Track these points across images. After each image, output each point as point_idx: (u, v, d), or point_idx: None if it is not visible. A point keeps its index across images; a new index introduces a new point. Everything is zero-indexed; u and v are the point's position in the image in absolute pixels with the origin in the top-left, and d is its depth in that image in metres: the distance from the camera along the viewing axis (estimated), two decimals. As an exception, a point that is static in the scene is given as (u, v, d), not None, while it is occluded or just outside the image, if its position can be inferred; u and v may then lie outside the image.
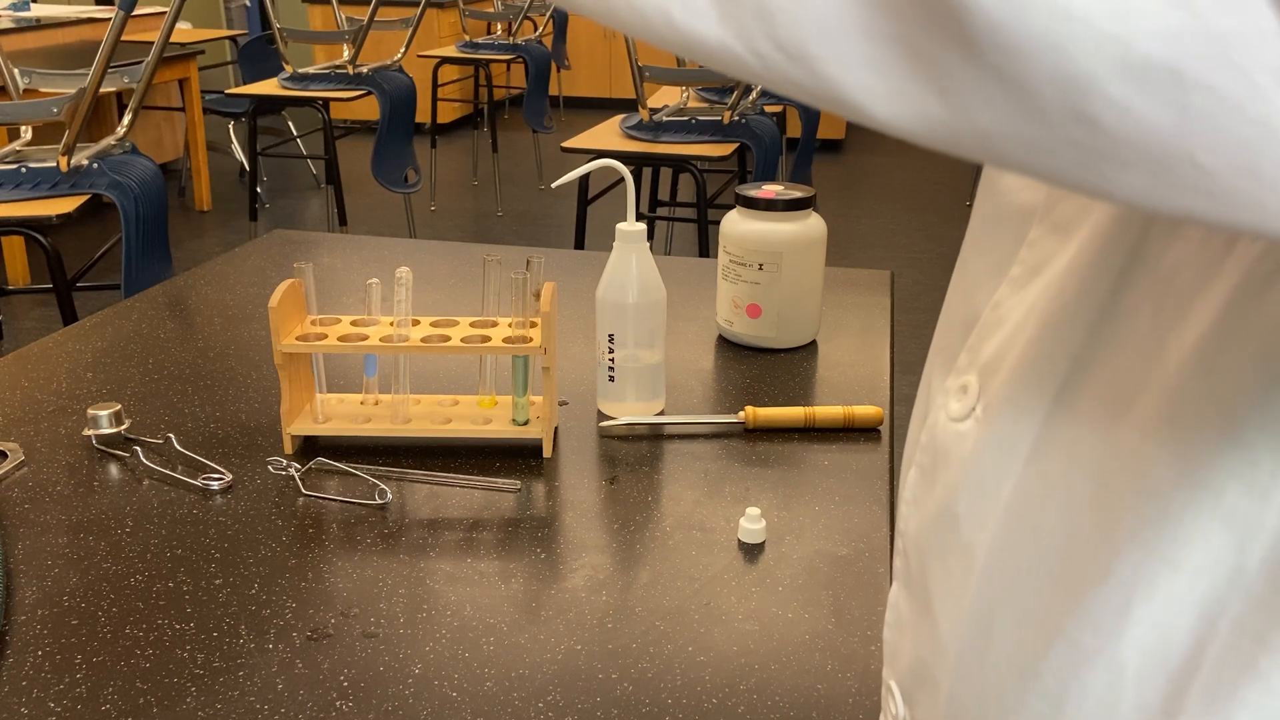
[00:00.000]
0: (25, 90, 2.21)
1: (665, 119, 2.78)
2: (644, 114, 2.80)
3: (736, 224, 1.07)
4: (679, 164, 2.66)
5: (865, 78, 0.22)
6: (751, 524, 0.77)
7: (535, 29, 5.18)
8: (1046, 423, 0.34)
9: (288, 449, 0.88)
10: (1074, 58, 0.19)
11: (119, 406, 0.90)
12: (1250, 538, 0.28)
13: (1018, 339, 0.35)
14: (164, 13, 4.97)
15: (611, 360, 0.94)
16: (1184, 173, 0.19)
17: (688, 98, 3.13)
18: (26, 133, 2.19)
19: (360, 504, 0.81)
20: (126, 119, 2.18)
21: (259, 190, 4.99)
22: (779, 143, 3.00)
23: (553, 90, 7.22)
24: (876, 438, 0.92)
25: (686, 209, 4.07)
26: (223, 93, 4.13)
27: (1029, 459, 0.34)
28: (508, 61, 4.72)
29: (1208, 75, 0.18)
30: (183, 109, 4.77)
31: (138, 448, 0.88)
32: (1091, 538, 0.31)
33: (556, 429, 0.93)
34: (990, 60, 0.20)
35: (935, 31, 0.20)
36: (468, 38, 4.86)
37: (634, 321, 0.92)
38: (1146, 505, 0.30)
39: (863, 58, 0.21)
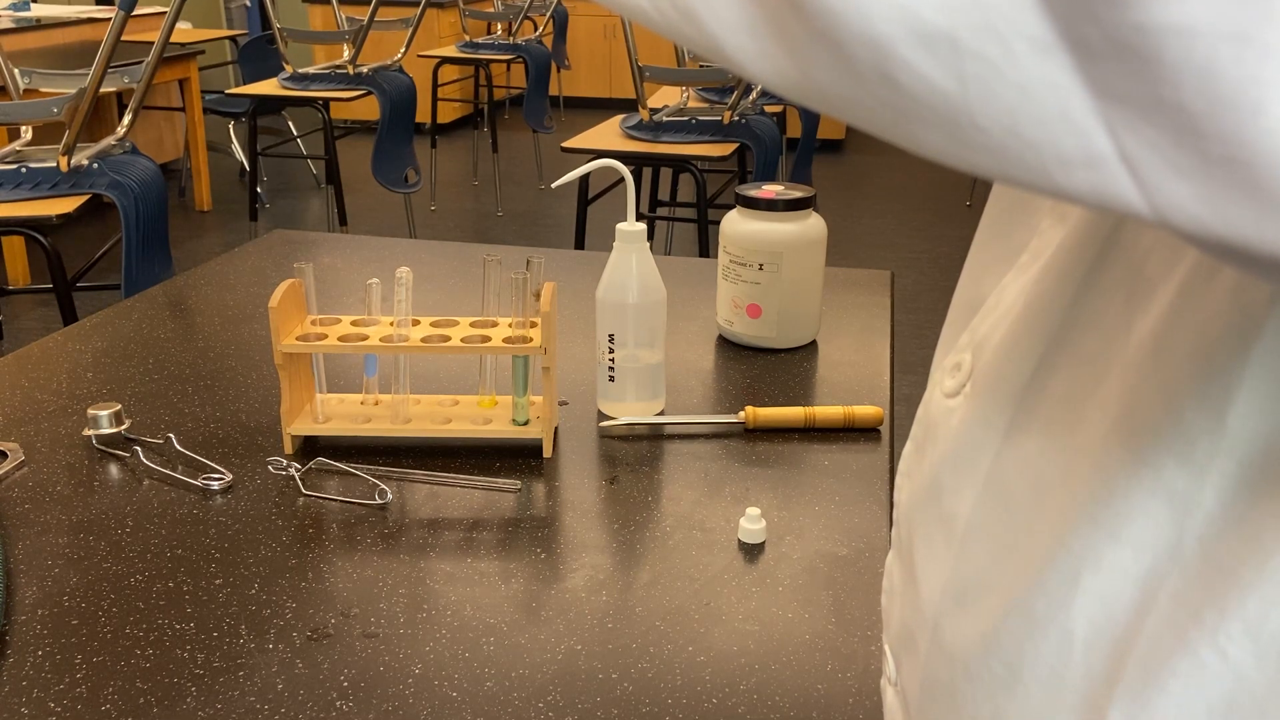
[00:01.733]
0: (25, 90, 2.21)
1: (665, 119, 2.78)
2: (644, 114, 2.80)
3: (736, 224, 1.07)
4: (679, 164, 2.66)
5: (740, 38, 0.24)
6: (751, 524, 0.77)
7: (535, 29, 5.18)
8: (1022, 400, 0.35)
9: (288, 449, 0.88)
10: (875, 24, 0.21)
11: (119, 406, 0.90)
12: (1187, 514, 0.29)
13: (1005, 319, 0.37)
14: (164, 13, 4.97)
15: (611, 360, 0.94)
16: (969, 133, 0.21)
17: (688, 98, 3.13)
18: (26, 133, 2.19)
19: (360, 504, 0.81)
20: (126, 119, 2.18)
21: (259, 190, 4.99)
22: (779, 143, 3.00)
23: (553, 90, 7.22)
24: (876, 438, 0.92)
25: (686, 209, 4.07)
26: (223, 93, 4.13)
27: (1006, 434, 0.36)
28: (508, 61, 4.72)
29: (977, 43, 0.20)
30: (183, 109, 4.77)
31: (138, 448, 0.88)
32: (1054, 512, 0.33)
33: (556, 429, 0.93)
34: (816, 24, 0.22)
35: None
36: (468, 38, 4.86)
37: (634, 321, 0.92)
38: (1098, 481, 0.31)
39: (737, 20, 0.23)
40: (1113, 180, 0.20)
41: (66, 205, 1.97)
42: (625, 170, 0.94)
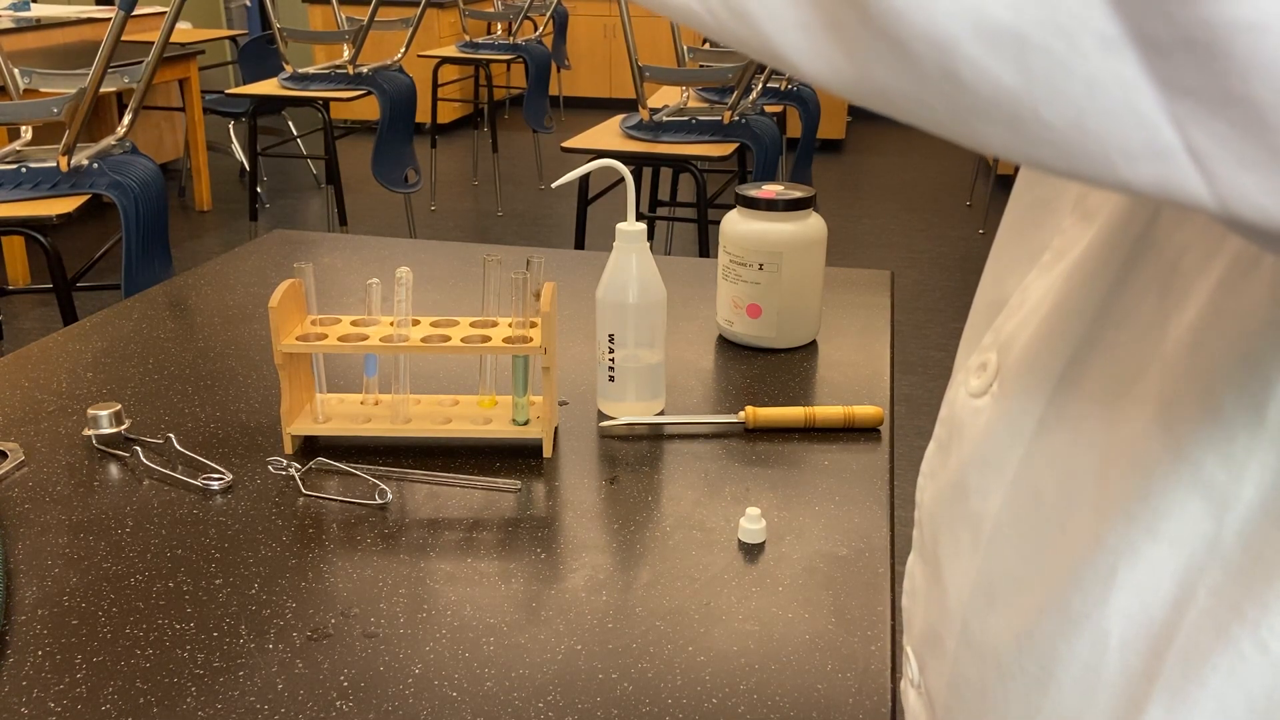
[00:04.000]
0: (25, 90, 2.21)
1: (665, 119, 2.78)
2: (644, 114, 2.80)
3: (736, 224, 1.07)
4: (679, 164, 2.66)
5: (795, 37, 0.24)
6: (751, 524, 0.77)
7: (535, 29, 5.18)
8: (1053, 398, 0.35)
9: (288, 449, 0.88)
10: (939, 20, 0.21)
11: (119, 406, 0.90)
12: (1226, 509, 0.29)
13: (1033, 318, 0.37)
14: (164, 13, 4.97)
15: (611, 360, 0.94)
16: (1033, 127, 0.21)
17: (688, 98, 3.13)
18: (26, 133, 2.19)
19: (360, 504, 0.81)
20: (126, 119, 2.18)
21: (259, 190, 4.99)
22: (779, 143, 3.00)
23: (553, 90, 7.22)
24: (876, 438, 0.92)
25: (686, 209, 4.07)
26: (223, 93, 4.13)
27: (1035, 433, 0.36)
28: (508, 61, 4.72)
29: (1044, 39, 0.20)
30: (183, 109, 4.77)
31: (138, 448, 0.88)
32: (1087, 509, 0.33)
33: (556, 429, 0.93)
34: (877, 22, 0.22)
35: None
36: (468, 38, 4.86)
37: (634, 321, 0.92)
38: (1135, 477, 0.31)
39: (792, 18, 0.24)
40: (1179, 173, 0.21)
41: (66, 205, 1.97)
42: (625, 170, 0.94)
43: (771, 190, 1.07)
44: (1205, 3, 0.18)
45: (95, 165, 2.05)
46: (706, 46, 3.32)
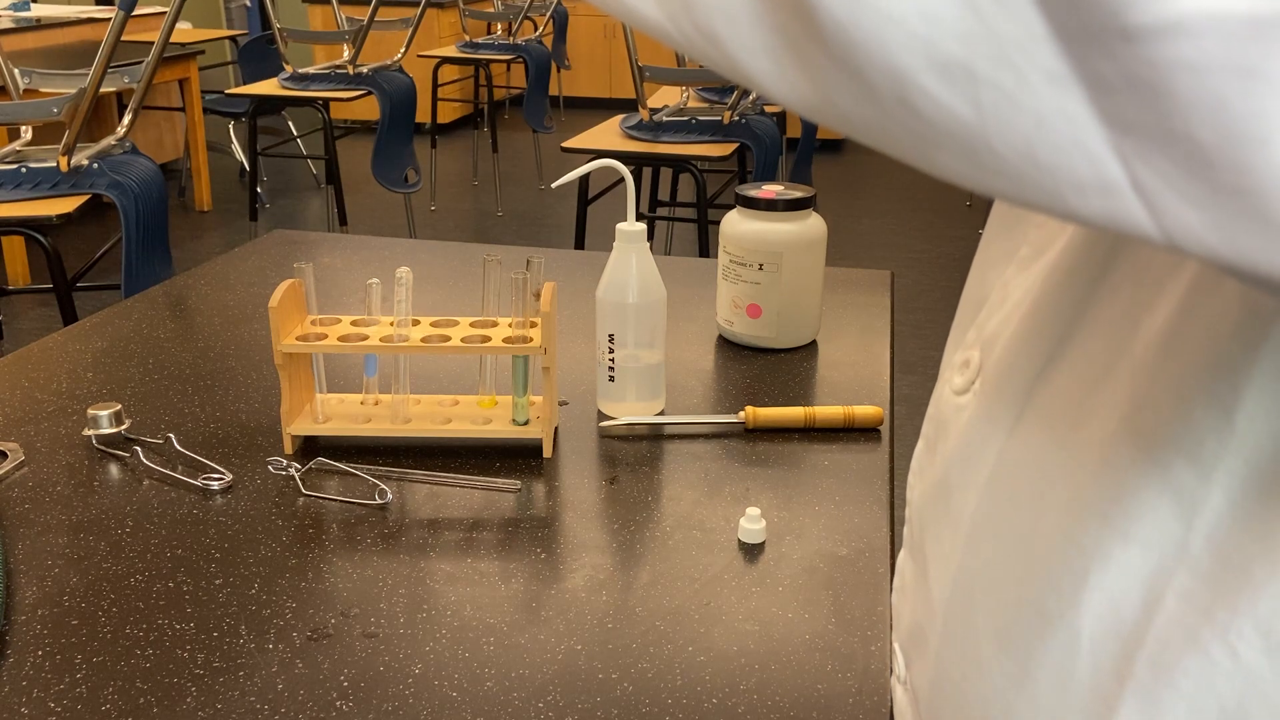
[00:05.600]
0: (25, 90, 2.21)
1: (665, 119, 2.78)
2: (644, 114, 2.80)
3: (736, 224, 1.07)
4: (679, 164, 2.66)
5: (761, 61, 0.25)
6: (751, 524, 0.77)
7: (535, 29, 5.18)
8: (1030, 396, 0.35)
9: (288, 449, 0.88)
10: (894, 53, 0.21)
11: (119, 406, 0.90)
12: (1195, 513, 0.29)
13: (1014, 316, 0.37)
14: (164, 13, 4.97)
15: (611, 360, 0.94)
16: (986, 157, 0.22)
17: (688, 98, 3.13)
18: (26, 133, 2.19)
19: (360, 504, 0.81)
20: (126, 119, 2.18)
21: (259, 190, 4.99)
22: (779, 143, 3.00)
23: (553, 90, 7.21)
24: (876, 438, 0.92)
25: (686, 209, 4.07)
26: (223, 93, 4.13)
27: (1012, 431, 0.36)
28: (508, 61, 4.72)
29: (993, 73, 0.21)
30: (183, 109, 4.77)
31: (138, 448, 0.88)
32: (1060, 509, 0.33)
33: (556, 429, 0.93)
34: (837, 54, 0.22)
35: (802, 26, 0.23)
36: (468, 38, 4.86)
37: (634, 321, 0.92)
38: (1106, 479, 0.31)
39: (759, 44, 0.24)
40: (1125, 206, 0.21)
41: (66, 205, 1.97)
42: (625, 170, 0.94)
43: (771, 190, 1.07)
44: (1148, 43, 0.18)
45: (95, 165, 2.05)
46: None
